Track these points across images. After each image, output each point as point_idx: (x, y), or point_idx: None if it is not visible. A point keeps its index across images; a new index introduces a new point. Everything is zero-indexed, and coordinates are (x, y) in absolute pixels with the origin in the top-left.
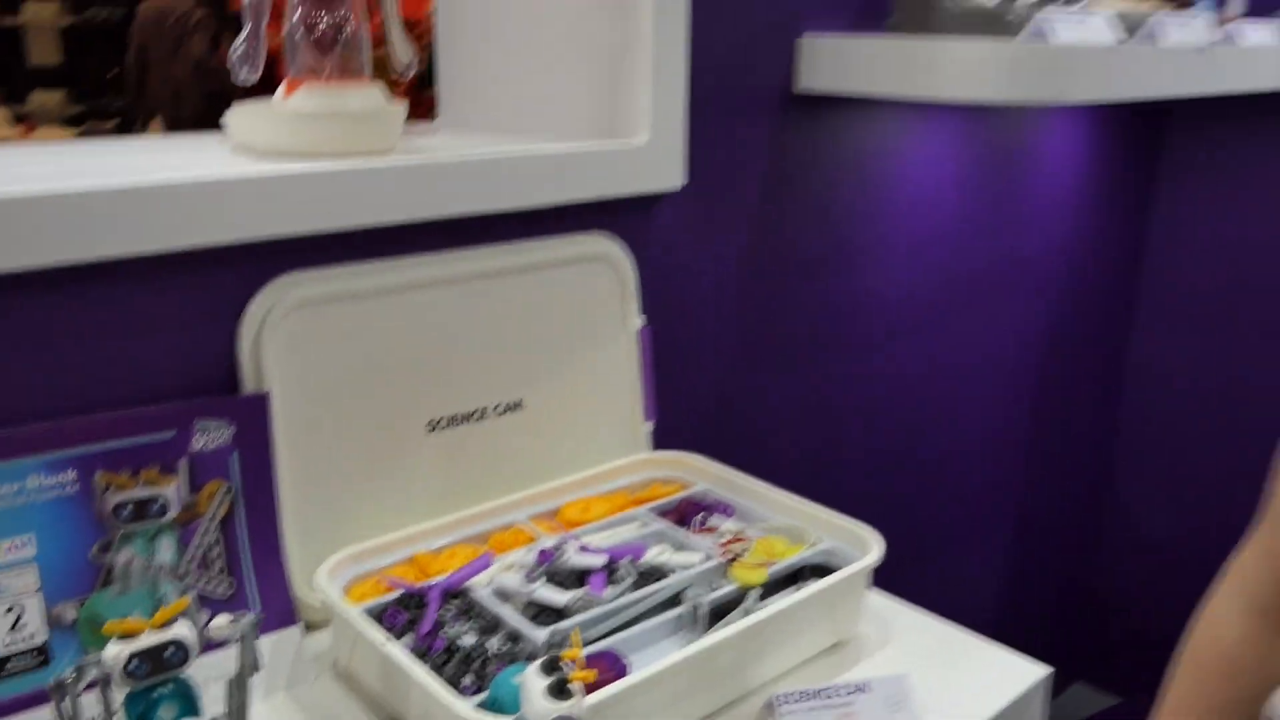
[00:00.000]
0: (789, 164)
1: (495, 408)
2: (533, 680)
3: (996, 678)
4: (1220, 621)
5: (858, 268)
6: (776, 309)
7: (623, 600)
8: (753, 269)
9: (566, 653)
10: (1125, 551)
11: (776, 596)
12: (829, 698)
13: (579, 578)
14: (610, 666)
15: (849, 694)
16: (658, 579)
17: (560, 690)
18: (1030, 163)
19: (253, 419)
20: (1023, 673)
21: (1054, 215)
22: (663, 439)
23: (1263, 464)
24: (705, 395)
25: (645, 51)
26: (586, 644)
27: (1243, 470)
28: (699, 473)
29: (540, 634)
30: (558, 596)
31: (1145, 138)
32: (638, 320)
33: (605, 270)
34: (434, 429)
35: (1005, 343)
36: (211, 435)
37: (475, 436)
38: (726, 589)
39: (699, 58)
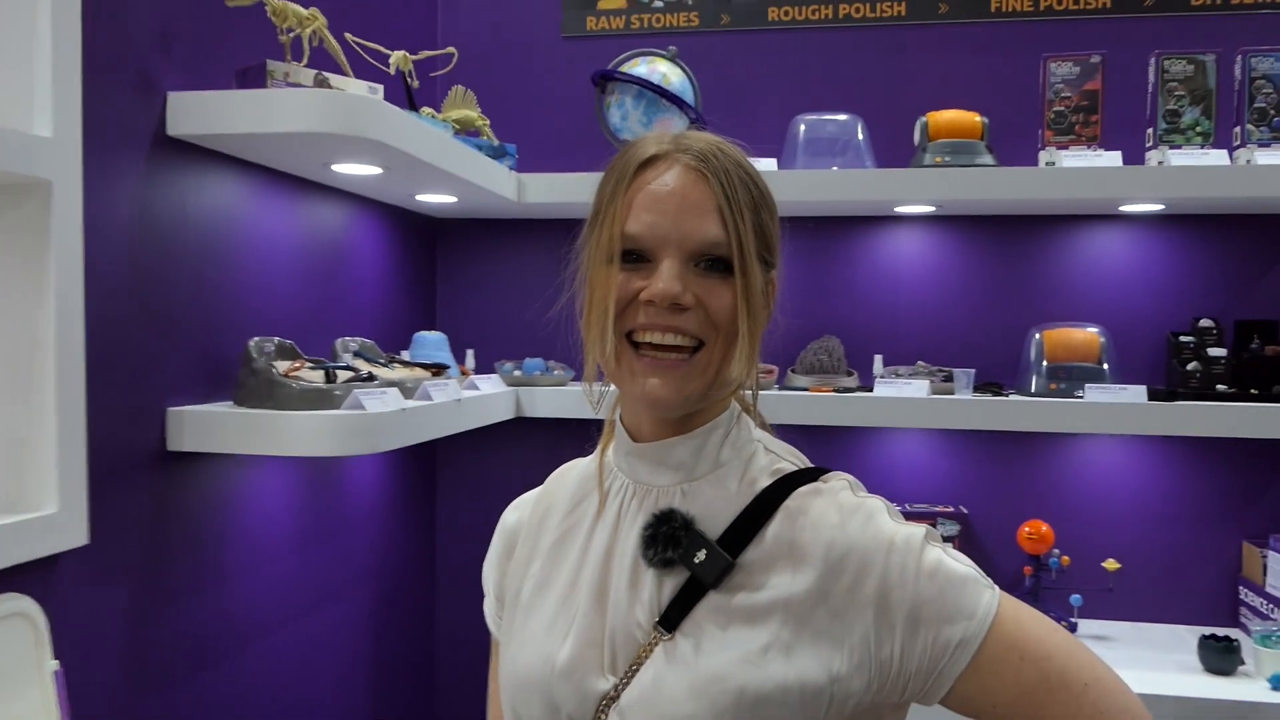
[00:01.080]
0: (168, 511)
1: None
2: None
3: None
4: None
5: (228, 588)
6: (170, 626)
7: None
8: (147, 597)
9: None
10: None
11: None
12: None
13: None
14: None
15: None
16: None
17: None
18: (350, 493)
19: None
20: None
21: (367, 532)
22: None
23: None
24: (120, 714)
25: (51, 437)
26: None
27: None
28: None
29: None
30: None
31: (425, 465)
32: (52, 664)
33: (21, 624)
34: None
35: (347, 620)
36: None
37: None
38: None
39: (93, 433)
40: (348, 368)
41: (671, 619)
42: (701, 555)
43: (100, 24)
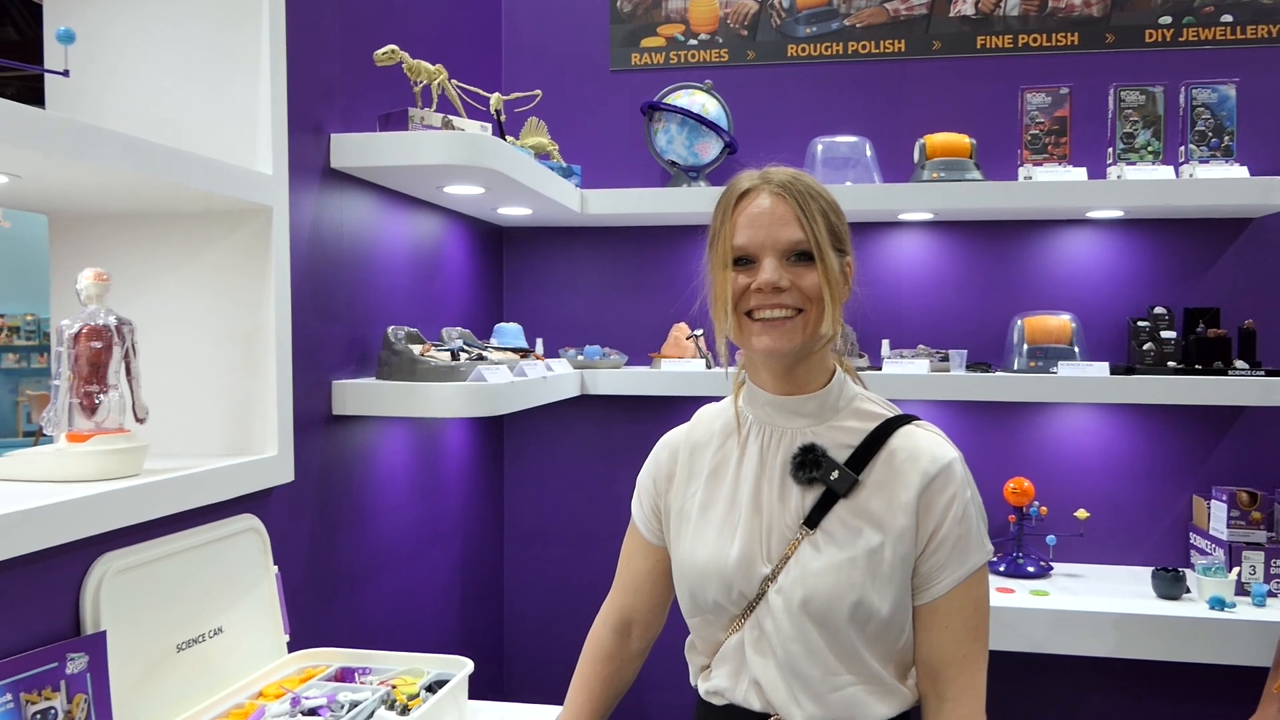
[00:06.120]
0: (333, 460)
1: (210, 632)
2: None
3: None
4: (597, 634)
5: (371, 524)
6: (339, 540)
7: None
8: (322, 525)
9: None
10: None
11: (429, 699)
12: None
13: (313, 711)
14: None
15: None
16: (355, 706)
17: None
18: (444, 455)
19: (96, 650)
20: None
21: (456, 490)
22: (301, 641)
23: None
24: (325, 604)
25: (272, 400)
26: None
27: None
28: (333, 655)
29: None
30: None
31: (494, 436)
32: (274, 568)
33: (254, 537)
34: (181, 649)
35: (444, 557)
36: (75, 663)
37: (206, 650)
38: (394, 700)
39: (294, 398)
40: (463, 349)
41: (813, 520)
42: (835, 475)
43: (290, 83)
